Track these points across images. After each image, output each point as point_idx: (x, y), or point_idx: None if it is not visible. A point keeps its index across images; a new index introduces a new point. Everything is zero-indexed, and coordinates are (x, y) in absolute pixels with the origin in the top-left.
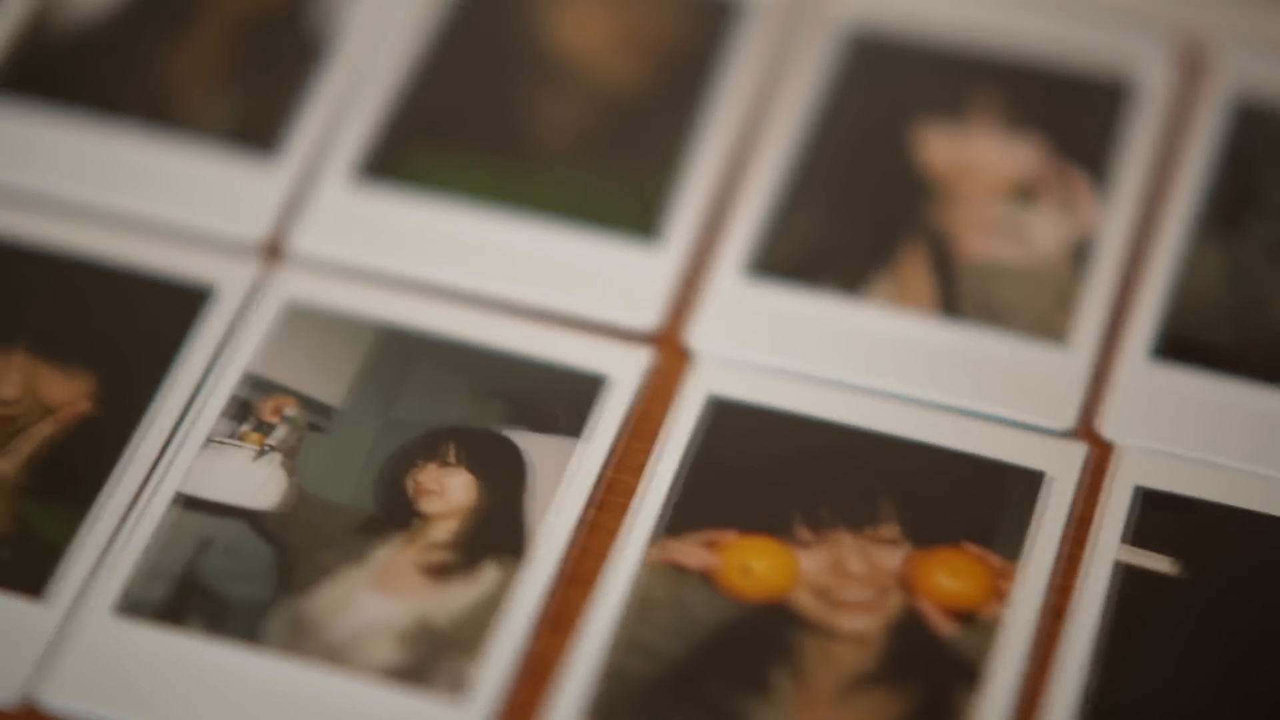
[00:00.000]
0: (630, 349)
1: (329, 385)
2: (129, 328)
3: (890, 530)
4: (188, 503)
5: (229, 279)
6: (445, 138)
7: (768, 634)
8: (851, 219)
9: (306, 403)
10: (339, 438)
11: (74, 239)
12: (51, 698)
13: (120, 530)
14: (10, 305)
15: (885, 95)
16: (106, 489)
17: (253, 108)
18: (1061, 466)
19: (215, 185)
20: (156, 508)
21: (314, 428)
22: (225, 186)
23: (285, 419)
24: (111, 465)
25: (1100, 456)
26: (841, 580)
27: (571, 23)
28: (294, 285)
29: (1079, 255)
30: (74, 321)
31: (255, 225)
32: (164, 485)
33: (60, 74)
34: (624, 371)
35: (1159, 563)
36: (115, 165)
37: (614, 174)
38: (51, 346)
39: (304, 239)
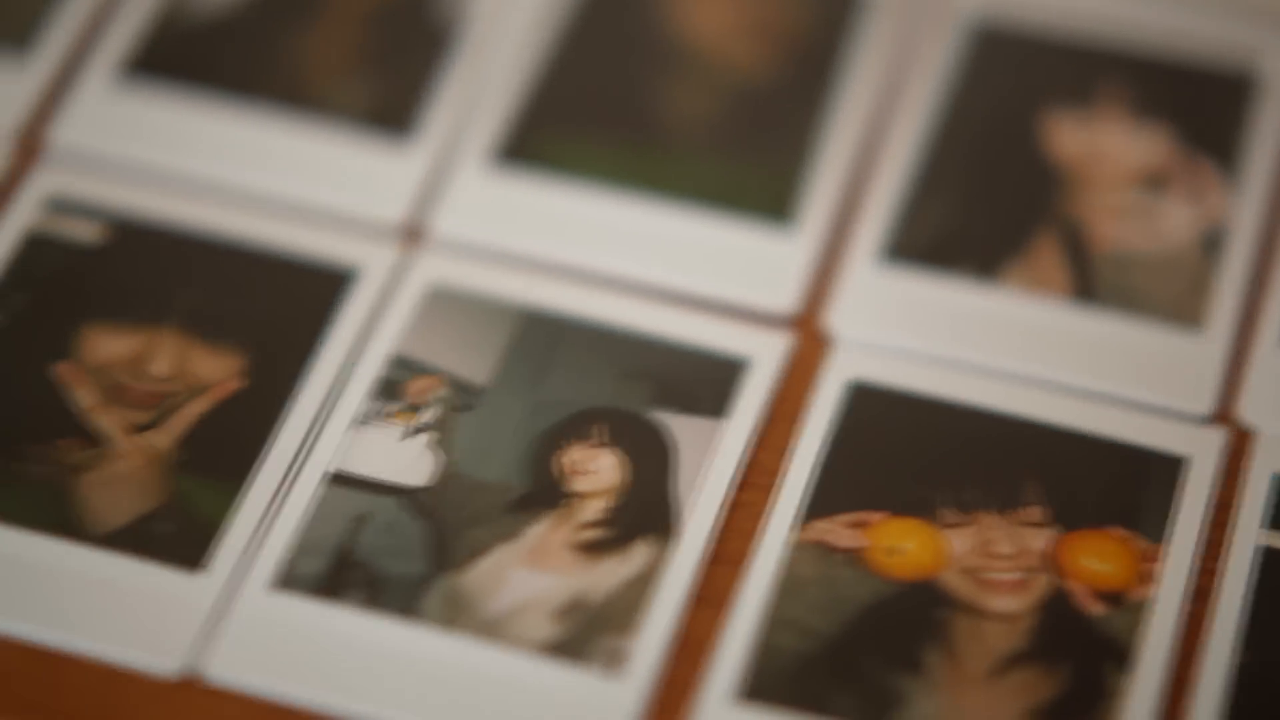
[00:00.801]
0: (769, 332)
1: (475, 366)
2: (275, 307)
3: (1036, 513)
4: (341, 480)
5: (370, 261)
6: (578, 123)
7: (919, 612)
8: (983, 206)
9: (454, 383)
10: (487, 417)
11: (217, 220)
12: (212, 669)
13: (275, 505)
14: (160, 285)
15: (1012, 84)
16: (259, 465)
17: (387, 92)
18: (1201, 451)
19: (353, 168)
20: (309, 484)
21: (462, 407)
22: (363, 169)
23: (434, 398)
24: (263, 441)
25: (1239, 442)
26: (990, 561)
27: (698, 10)
28: (435, 268)
29: (1210, 243)
30: (222, 301)
31: (393, 208)
32: (316, 462)
33: (199, 57)
34: (764, 354)
35: None
36: (254, 147)
37: (746, 160)
38: (201, 325)
39: (443, 221)
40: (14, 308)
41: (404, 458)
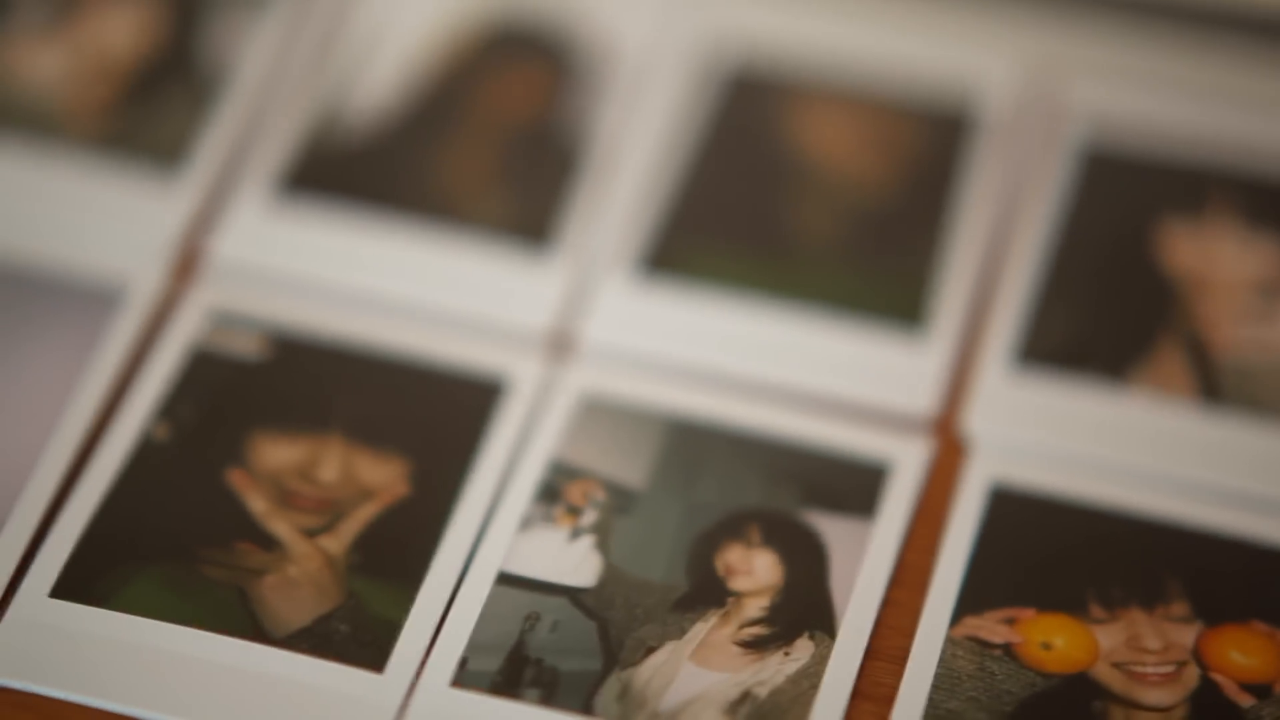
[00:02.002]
0: (909, 436)
1: (629, 470)
2: (432, 415)
3: (1180, 608)
4: (510, 580)
5: (519, 370)
6: (711, 235)
7: (1076, 706)
8: (1106, 313)
9: (611, 487)
10: (645, 519)
11: (372, 332)
12: None
13: (449, 606)
14: (322, 394)
15: (1124, 198)
16: (430, 566)
17: (526, 208)
18: None
19: (498, 280)
20: (480, 584)
21: (620, 510)
22: (507, 282)
23: (593, 502)
24: (432, 544)
25: None
26: (1139, 655)
27: (817, 130)
28: (583, 377)
29: None
30: (382, 410)
31: (539, 318)
32: (484, 563)
33: (347, 174)
34: (906, 457)
35: None
36: (404, 261)
37: (875, 270)
38: (363, 433)
39: (589, 330)
40: (184, 419)
41: (569, 558)
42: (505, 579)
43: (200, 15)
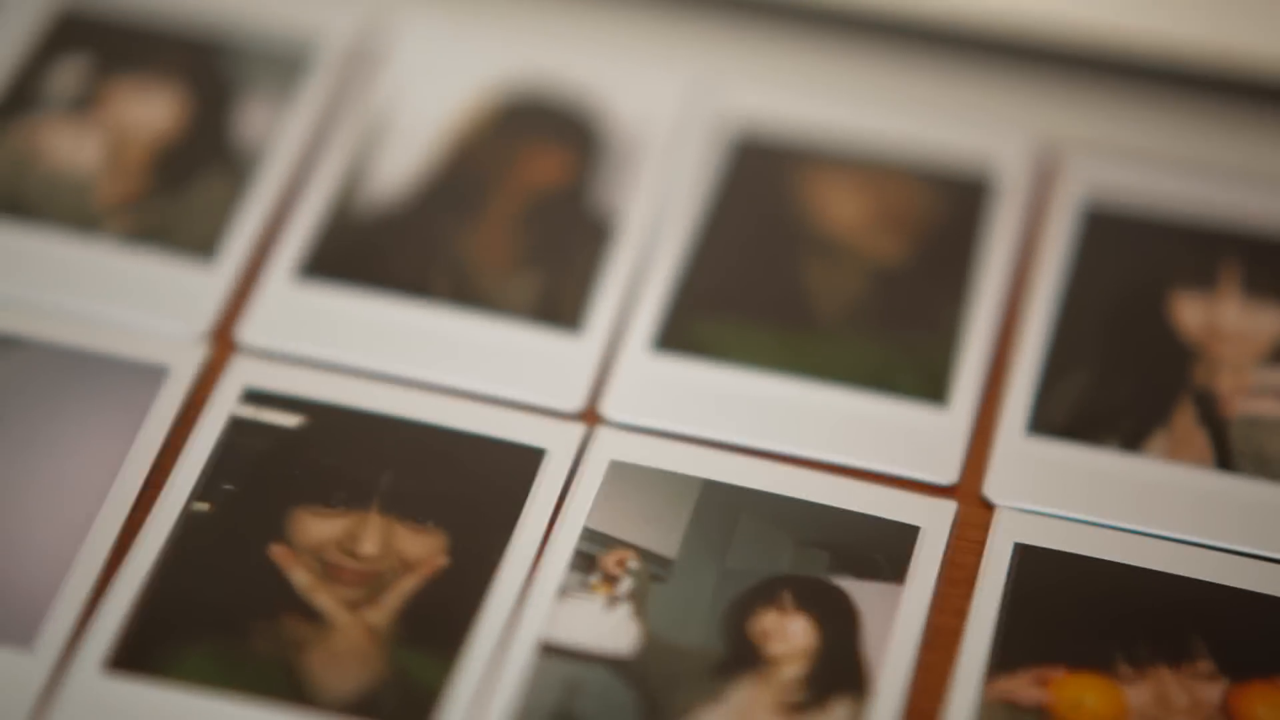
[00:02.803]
0: (935, 501)
1: (663, 538)
2: (469, 486)
3: (1206, 666)
4: (551, 649)
5: (551, 443)
6: (729, 309)
7: None
8: (1119, 380)
9: (645, 555)
10: (679, 586)
11: (405, 406)
12: None
13: (490, 675)
14: (359, 469)
15: (1130, 261)
16: (471, 636)
17: (553, 285)
18: None
19: (526, 360)
20: (521, 654)
21: (655, 578)
22: (535, 361)
23: (629, 571)
24: (473, 614)
25: None
26: (1168, 714)
27: (832, 202)
28: (613, 448)
29: None
30: (419, 481)
31: (567, 395)
32: (525, 633)
33: (367, 256)
34: (933, 521)
35: None
36: (431, 340)
37: (892, 341)
38: (402, 506)
39: (615, 405)
40: (224, 495)
41: (607, 627)
42: (545, 648)
43: (228, 96)
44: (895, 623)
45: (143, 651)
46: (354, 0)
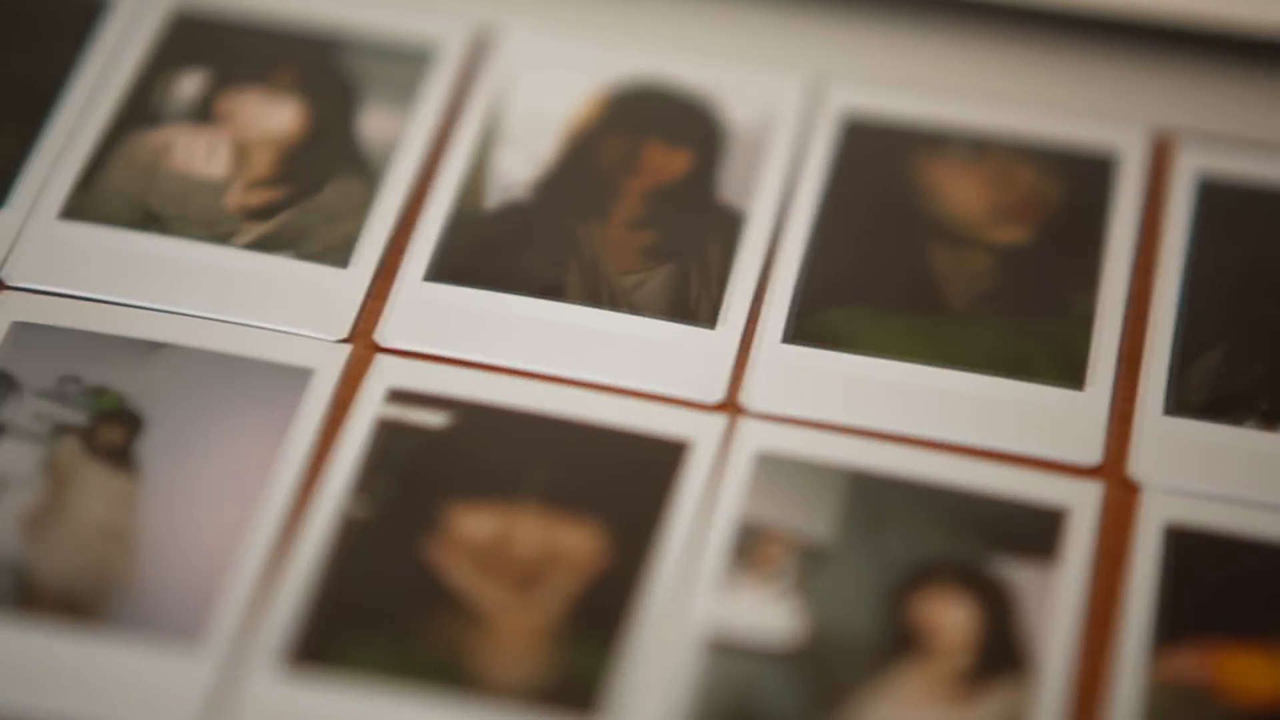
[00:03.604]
0: (1081, 483)
1: (817, 526)
2: (620, 480)
3: None
4: (716, 642)
5: (697, 433)
6: (858, 297)
7: None
8: (1252, 357)
9: (801, 545)
10: (838, 575)
11: (548, 402)
12: None
13: (654, 666)
14: (511, 463)
15: (1252, 240)
16: (634, 628)
17: (682, 280)
18: None
19: (666, 352)
20: (686, 646)
21: (813, 567)
22: (675, 352)
23: (786, 560)
24: (634, 606)
25: None
26: None
27: (953, 188)
28: (759, 438)
29: None
30: (572, 476)
31: (712, 386)
32: (688, 624)
33: (498, 254)
34: (1081, 502)
35: None
36: (566, 336)
37: (1024, 326)
38: (557, 499)
39: (755, 395)
40: (379, 493)
41: (769, 616)
42: (710, 640)
43: (350, 100)
44: (1053, 604)
45: (316, 649)
46: (467, 2)
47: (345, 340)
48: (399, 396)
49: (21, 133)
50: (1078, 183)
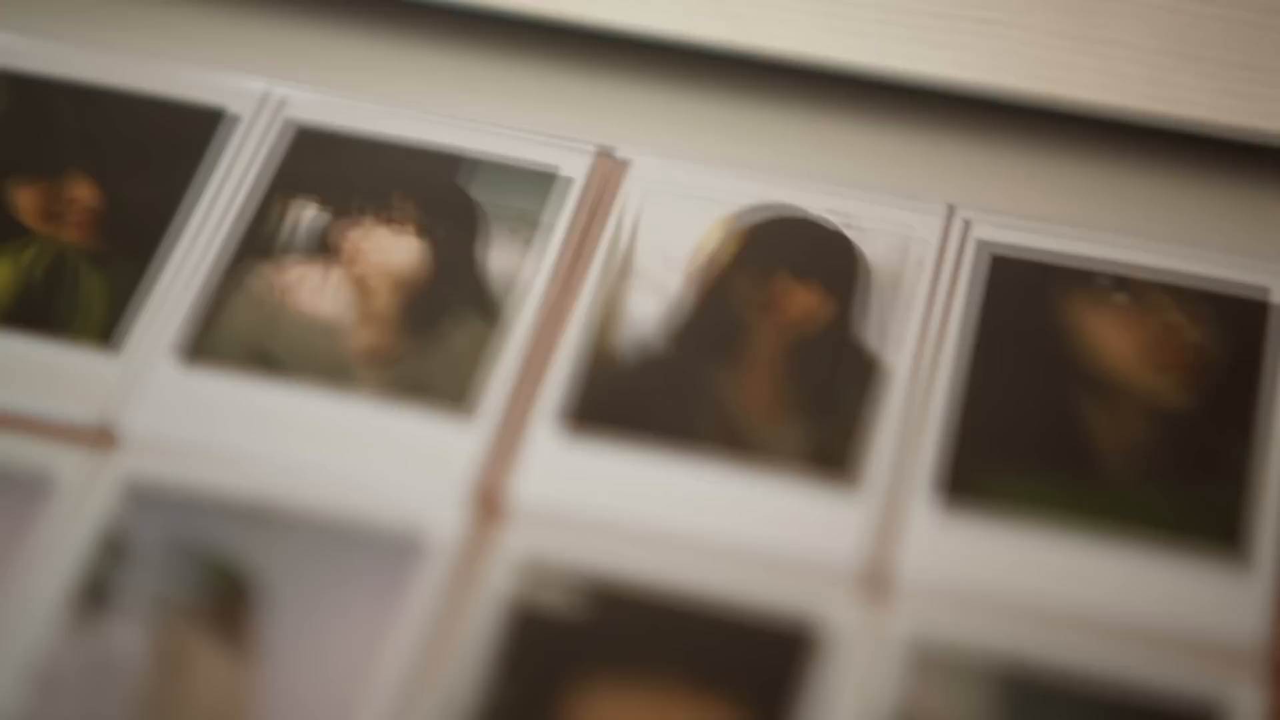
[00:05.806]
0: (1239, 672)
1: None
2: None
3: None
4: None
5: (835, 614)
6: (1008, 455)
7: None
8: None
9: None
10: None
11: (681, 573)
12: None
13: None
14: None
15: None
16: None
17: (821, 434)
18: None
19: (799, 516)
20: None
21: None
22: (809, 517)
23: None
24: None
25: None
26: None
27: (1104, 335)
28: (906, 620)
29: None
30: (707, 653)
31: (848, 556)
32: None
33: (630, 404)
34: (1236, 695)
35: None
36: (700, 497)
37: (1182, 490)
38: (697, 677)
39: (900, 565)
40: (502, 687)
41: None
42: None
43: (473, 237)
44: None
45: None
46: (588, 134)
47: (468, 499)
48: (528, 569)
49: (138, 265)
50: (1233, 324)
